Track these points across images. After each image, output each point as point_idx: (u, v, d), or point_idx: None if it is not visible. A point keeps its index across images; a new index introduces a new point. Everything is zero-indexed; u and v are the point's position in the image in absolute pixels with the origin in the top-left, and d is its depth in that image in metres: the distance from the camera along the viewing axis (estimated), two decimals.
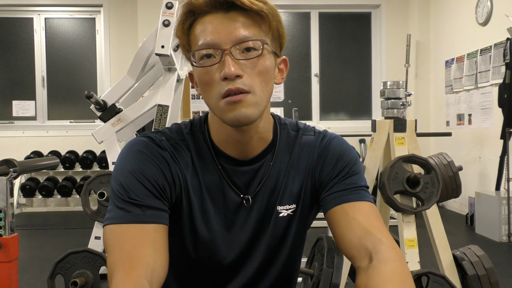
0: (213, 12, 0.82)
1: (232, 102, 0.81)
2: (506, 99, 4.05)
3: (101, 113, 2.23)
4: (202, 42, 0.82)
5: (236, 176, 0.92)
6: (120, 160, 0.87)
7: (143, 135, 0.91)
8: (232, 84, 0.80)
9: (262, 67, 0.83)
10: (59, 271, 1.69)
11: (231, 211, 0.92)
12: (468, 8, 5.12)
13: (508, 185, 3.99)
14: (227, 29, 0.81)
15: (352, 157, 0.94)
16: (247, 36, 0.82)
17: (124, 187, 0.83)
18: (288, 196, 0.94)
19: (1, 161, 1.55)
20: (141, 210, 0.82)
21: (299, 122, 1.01)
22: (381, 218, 0.90)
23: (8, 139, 5.95)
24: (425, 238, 2.16)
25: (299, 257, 1.04)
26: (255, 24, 0.83)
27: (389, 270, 0.77)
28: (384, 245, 0.81)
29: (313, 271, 1.28)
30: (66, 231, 4.70)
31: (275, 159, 0.94)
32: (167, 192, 0.87)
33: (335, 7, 6.07)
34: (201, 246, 0.92)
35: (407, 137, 2.14)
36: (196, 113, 5.87)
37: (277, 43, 0.88)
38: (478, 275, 1.88)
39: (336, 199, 0.89)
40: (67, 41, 6.22)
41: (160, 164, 0.87)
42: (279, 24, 0.86)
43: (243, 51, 0.82)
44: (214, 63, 0.82)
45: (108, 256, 0.79)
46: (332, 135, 0.97)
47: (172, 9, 2.07)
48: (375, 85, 6.22)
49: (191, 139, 0.92)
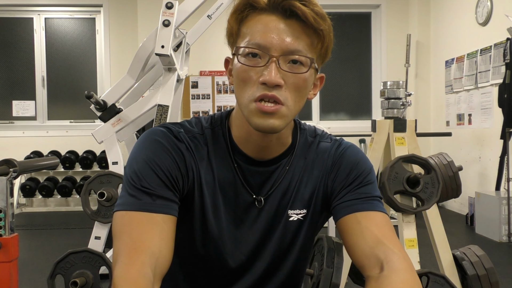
0: (272, 13, 0.82)
1: (264, 111, 0.81)
2: (506, 99, 4.05)
3: (101, 113, 2.23)
4: (252, 41, 0.82)
5: (250, 175, 0.92)
6: (136, 148, 0.88)
7: (162, 125, 0.91)
8: (269, 90, 0.80)
9: (303, 83, 0.83)
10: (59, 271, 1.69)
11: (241, 210, 0.92)
12: (468, 8, 5.12)
13: (508, 185, 3.99)
14: (281, 36, 0.81)
15: (366, 167, 0.94)
16: (298, 50, 0.81)
17: (137, 175, 0.84)
18: (299, 201, 0.94)
19: (1, 161, 1.55)
20: (151, 199, 0.82)
21: (317, 128, 1.01)
22: (393, 228, 0.89)
23: (8, 139, 5.95)
24: (425, 238, 2.16)
25: (306, 263, 1.04)
26: (308, 38, 0.82)
27: (400, 281, 0.77)
28: (396, 255, 0.81)
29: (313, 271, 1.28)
30: (66, 231, 4.70)
31: (291, 163, 0.94)
32: (180, 183, 0.87)
33: (335, 7, 6.08)
34: (209, 241, 0.91)
35: (407, 137, 2.14)
36: (196, 113, 5.87)
37: (321, 60, 0.88)
38: (478, 275, 1.88)
39: (349, 208, 0.89)
40: (67, 41, 6.22)
41: (176, 155, 0.87)
42: (330, 44, 0.87)
43: (289, 62, 0.82)
44: (258, 65, 0.81)
45: (114, 241, 0.80)
46: (348, 144, 0.97)
47: (172, 9, 2.07)
48: (375, 85, 6.22)
49: (210, 133, 0.93)
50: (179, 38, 2.21)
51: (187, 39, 2.34)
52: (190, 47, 2.52)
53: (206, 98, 5.89)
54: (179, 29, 2.21)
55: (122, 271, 0.73)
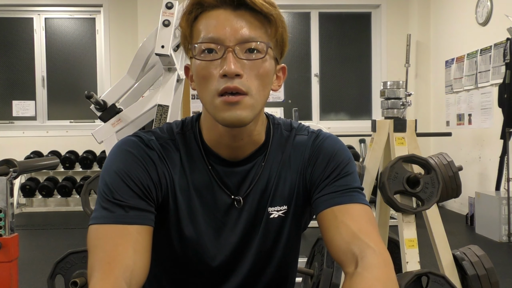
0: (221, 7, 0.81)
1: (229, 102, 0.80)
2: (506, 99, 4.05)
3: (101, 113, 2.22)
4: (205, 36, 0.81)
5: (226, 177, 0.91)
6: (108, 160, 0.87)
7: (133, 135, 0.90)
8: (230, 82, 0.79)
9: (263, 70, 0.82)
10: (59, 271, 1.69)
11: (221, 213, 0.91)
12: (468, 8, 5.12)
13: (508, 185, 3.99)
14: (233, 26, 0.80)
15: (344, 157, 0.91)
16: (253, 37, 0.81)
17: (109, 187, 0.83)
18: (279, 197, 0.92)
19: (1, 161, 1.55)
20: (124, 211, 0.81)
21: (293, 121, 0.98)
22: (374, 220, 0.87)
23: (8, 139, 5.95)
24: (425, 238, 2.16)
25: (295, 259, 1.02)
26: (262, 26, 0.82)
27: (372, 277, 0.75)
28: (370, 250, 0.79)
29: (313, 271, 1.28)
30: (66, 231, 4.71)
31: (266, 160, 0.92)
32: (153, 193, 0.86)
33: (335, 7, 6.07)
34: (188, 247, 0.91)
35: (407, 137, 2.14)
36: (196, 113, 5.87)
37: (279, 49, 0.87)
38: (478, 275, 1.88)
39: (326, 202, 0.87)
40: (67, 41, 6.22)
41: (147, 164, 0.86)
42: (284, 31, 0.86)
43: (246, 51, 0.81)
44: (215, 59, 0.81)
45: (89, 256, 0.79)
46: (326, 135, 0.95)
47: (172, 9, 2.07)
48: (375, 85, 6.22)
49: (181, 138, 0.91)
50: (179, 38, 2.21)
51: None
52: None
53: None
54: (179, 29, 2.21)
55: (97, 285, 0.73)
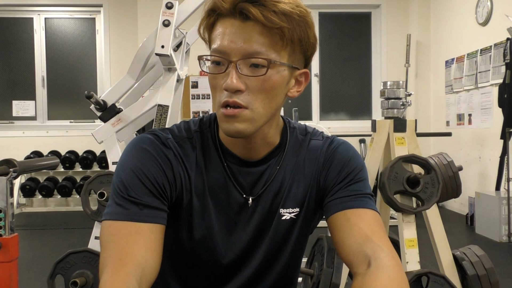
0: (232, 16, 0.81)
1: (227, 115, 0.82)
2: (506, 99, 4.05)
3: (101, 113, 2.22)
4: (214, 48, 0.83)
5: (241, 176, 0.92)
6: (124, 156, 0.87)
7: (149, 132, 0.91)
8: (230, 96, 0.81)
9: (268, 85, 0.82)
10: (59, 271, 1.69)
11: (233, 211, 0.92)
12: (468, 8, 5.12)
13: (508, 185, 3.99)
14: (240, 39, 0.80)
15: (358, 164, 0.93)
16: (258, 52, 0.80)
17: (124, 184, 0.84)
18: (292, 199, 0.94)
19: (1, 161, 1.55)
20: (138, 209, 0.82)
21: (308, 126, 1.00)
22: (383, 226, 0.89)
23: (8, 139, 5.95)
24: (425, 238, 2.16)
25: (300, 261, 1.04)
26: (270, 38, 0.80)
27: (386, 277, 0.76)
28: (384, 252, 0.81)
29: (313, 271, 1.28)
30: (66, 231, 4.71)
31: (282, 162, 0.94)
32: (167, 191, 0.87)
33: (335, 7, 6.07)
34: (199, 244, 0.92)
35: (407, 137, 2.14)
36: (196, 113, 5.87)
37: (299, 55, 0.86)
38: (478, 275, 1.88)
39: (339, 205, 0.89)
40: (67, 41, 6.22)
41: (163, 163, 0.87)
42: (304, 35, 0.83)
43: (251, 66, 0.81)
44: (221, 72, 0.82)
45: (101, 251, 0.80)
46: (340, 141, 0.97)
47: (172, 9, 2.07)
48: (375, 85, 6.22)
49: (198, 137, 0.93)
50: (179, 38, 2.21)
51: (187, 39, 2.34)
52: (190, 47, 2.52)
53: (206, 98, 5.89)
54: (179, 29, 2.20)
55: (107, 282, 0.73)
